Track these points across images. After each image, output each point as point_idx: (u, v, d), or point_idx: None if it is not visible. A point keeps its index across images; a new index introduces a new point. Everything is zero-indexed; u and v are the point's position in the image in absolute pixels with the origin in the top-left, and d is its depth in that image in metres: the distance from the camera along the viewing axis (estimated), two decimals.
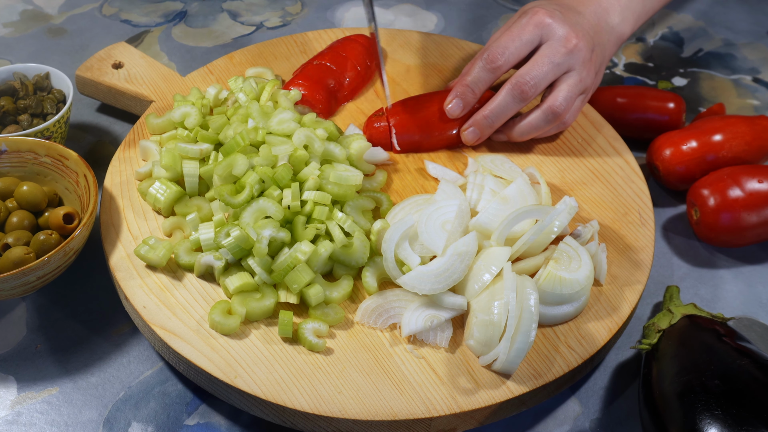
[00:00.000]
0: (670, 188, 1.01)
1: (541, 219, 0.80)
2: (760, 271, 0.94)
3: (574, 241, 0.82)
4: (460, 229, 0.82)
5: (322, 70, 1.01)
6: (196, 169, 0.89)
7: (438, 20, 1.32)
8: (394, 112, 0.97)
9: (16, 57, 1.21)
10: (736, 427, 0.65)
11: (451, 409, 0.73)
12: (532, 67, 0.91)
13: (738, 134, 0.97)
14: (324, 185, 0.85)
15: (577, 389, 0.82)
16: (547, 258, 0.81)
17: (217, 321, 0.78)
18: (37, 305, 0.88)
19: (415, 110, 0.96)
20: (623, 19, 0.99)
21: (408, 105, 0.97)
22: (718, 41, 1.29)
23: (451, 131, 0.96)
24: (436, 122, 0.96)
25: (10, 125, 0.98)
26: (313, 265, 0.81)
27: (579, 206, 0.87)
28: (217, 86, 0.99)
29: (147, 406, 0.80)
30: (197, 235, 0.84)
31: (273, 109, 0.93)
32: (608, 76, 1.21)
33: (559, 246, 0.81)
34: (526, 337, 0.73)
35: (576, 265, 0.79)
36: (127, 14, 1.31)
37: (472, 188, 0.88)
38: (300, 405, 0.73)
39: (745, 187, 0.90)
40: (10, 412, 0.79)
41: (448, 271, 0.78)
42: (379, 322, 0.79)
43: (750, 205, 0.90)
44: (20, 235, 0.84)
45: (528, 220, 0.82)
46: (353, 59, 1.04)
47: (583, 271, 0.79)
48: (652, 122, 1.05)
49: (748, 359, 0.70)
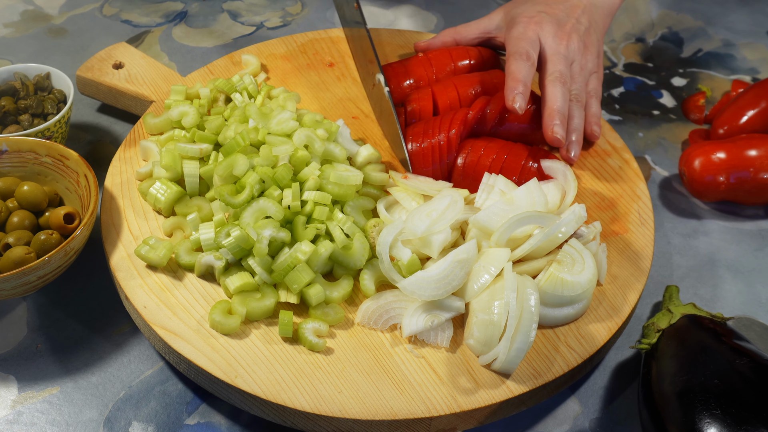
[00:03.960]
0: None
1: (545, 227, 0.79)
2: (759, 271, 0.94)
3: (579, 243, 0.81)
4: (449, 218, 0.82)
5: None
6: (196, 169, 0.89)
7: (438, 20, 1.32)
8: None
9: (16, 57, 1.21)
10: (735, 426, 0.65)
11: (451, 408, 0.73)
12: (553, 64, 0.96)
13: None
14: (324, 185, 0.85)
15: (577, 389, 0.82)
16: (549, 260, 0.81)
17: (218, 321, 0.78)
18: (37, 305, 0.88)
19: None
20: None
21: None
22: (718, 41, 1.29)
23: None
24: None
25: (11, 125, 0.98)
26: (313, 265, 0.81)
27: None
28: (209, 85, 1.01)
29: (147, 405, 0.80)
30: (197, 235, 0.84)
31: (271, 110, 0.93)
32: (608, 76, 1.21)
33: (563, 248, 0.81)
34: (526, 337, 0.73)
35: (579, 267, 0.79)
36: (127, 14, 1.31)
37: (483, 188, 0.87)
38: (300, 405, 0.73)
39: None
40: (11, 412, 0.79)
41: (448, 278, 0.78)
42: (380, 324, 0.79)
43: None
44: (21, 234, 0.84)
45: (530, 225, 0.81)
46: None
47: (586, 274, 0.79)
48: None
49: (747, 359, 0.70)
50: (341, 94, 1.06)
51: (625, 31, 1.31)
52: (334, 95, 1.06)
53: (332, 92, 1.07)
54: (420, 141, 0.92)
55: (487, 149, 0.91)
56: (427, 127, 0.93)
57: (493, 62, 1.06)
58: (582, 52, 0.99)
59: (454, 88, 0.98)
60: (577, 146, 0.96)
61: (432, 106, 0.98)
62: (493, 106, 0.94)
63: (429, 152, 0.91)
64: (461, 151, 0.91)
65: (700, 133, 1.11)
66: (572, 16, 1.00)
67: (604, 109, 1.16)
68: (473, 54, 1.05)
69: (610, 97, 1.18)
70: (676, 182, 1.05)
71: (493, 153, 0.91)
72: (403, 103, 1.00)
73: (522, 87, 0.92)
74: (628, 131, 1.12)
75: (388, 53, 1.13)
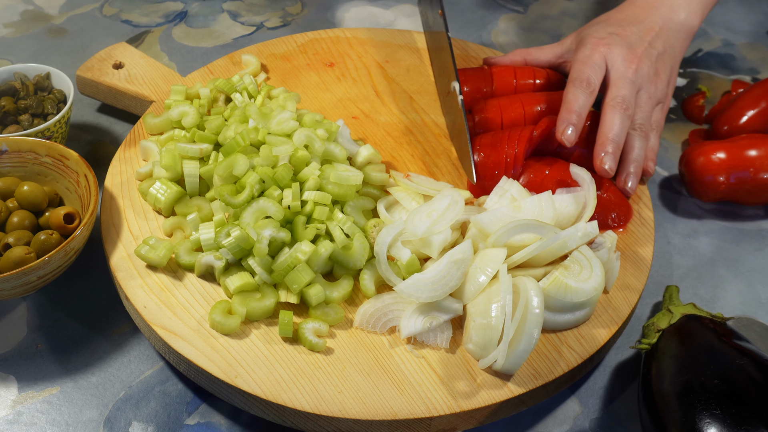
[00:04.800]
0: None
1: (544, 237, 0.79)
2: (759, 271, 0.94)
3: (590, 250, 0.80)
4: (449, 219, 0.82)
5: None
6: (196, 169, 0.89)
7: None
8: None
9: (16, 57, 1.21)
10: (735, 426, 0.65)
11: (451, 408, 0.73)
12: (617, 89, 0.91)
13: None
14: (324, 185, 0.85)
15: (577, 389, 0.82)
16: (547, 270, 0.80)
17: (218, 321, 0.78)
18: (37, 305, 0.88)
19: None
20: (690, 13, 0.99)
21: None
22: (718, 41, 1.29)
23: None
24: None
25: (11, 125, 0.98)
26: (313, 265, 0.81)
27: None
28: (209, 85, 1.00)
29: (147, 405, 0.80)
30: (197, 235, 0.84)
31: (271, 110, 0.93)
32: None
33: (573, 253, 0.80)
34: (530, 339, 0.73)
35: (586, 274, 0.78)
36: (127, 14, 1.31)
37: (497, 191, 0.87)
38: (300, 405, 0.73)
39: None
40: (11, 412, 0.79)
41: (444, 279, 0.77)
42: (378, 326, 0.79)
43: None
44: (21, 234, 0.84)
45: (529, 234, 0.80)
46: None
47: (592, 282, 0.78)
48: None
49: (747, 359, 0.70)
50: (341, 94, 1.07)
51: None
52: (334, 95, 1.06)
53: (332, 92, 1.07)
54: (487, 153, 0.91)
55: (551, 170, 0.90)
56: (495, 140, 0.92)
57: (559, 85, 1.04)
58: (652, 79, 0.94)
59: (521, 104, 0.98)
60: (635, 178, 0.91)
61: (500, 118, 0.98)
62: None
63: (494, 166, 0.90)
64: (526, 170, 0.91)
65: (700, 133, 1.11)
66: (645, 39, 0.94)
67: None
68: (539, 74, 1.04)
69: None
70: (676, 182, 1.05)
71: (557, 175, 0.89)
72: (470, 110, 1.00)
73: (575, 118, 0.88)
74: None
75: (389, 53, 1.13)
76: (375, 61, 1.12)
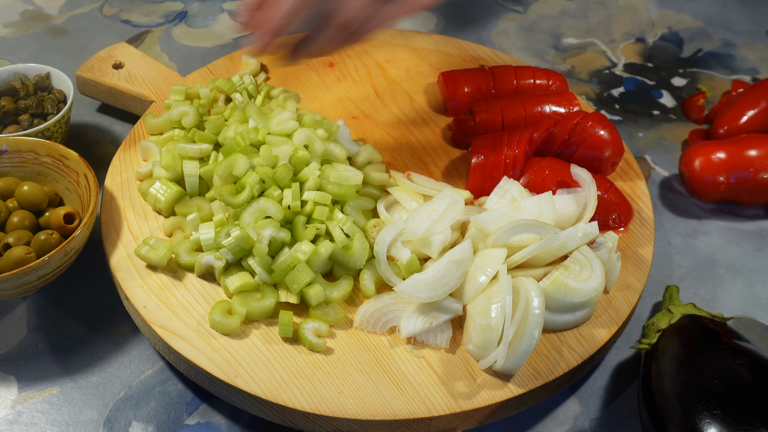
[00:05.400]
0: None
1: (544, 237, 0.79)
2: (759, 271, 0.94)
3: (590, 251, 0.80)
4: (449, 219, 0.82)
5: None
6: (196, 169, 0.89)
7: (438, 20, 1.32)
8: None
9: (16, 57, 1.21)
10: (735, 426, 0.65)
11: (451, 408, 0.73)
12: None
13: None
14: (324, 185, 0.85)
15: (577, 389, 0.82)
16: (547, 271, 0.80)
17: (218, 321, 0.78)
18: (37, 305, 0.88)
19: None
20: None
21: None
22: (718, 41, 1.29)
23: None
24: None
25: (11, 125, 0.98)
26: (313, 265, 0.81)
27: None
28: (209, 85, 1.00)
29: (147, 405, 0.80)
30: (197, 235, 0.84)
31: (271, 110, 0.93)
32: (608, 76, 1.21)
33: (573, 254, 0.80)
34: (530, 339, 0.73)
35: (586, 275, 0.78)
36: (127, 14, 1.31)
37: (497, 191, 0.87)
38: (300, 405, 0.73)
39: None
40: (11, 412, 0.79)
41: (444, 279, 0.77)
42: (378, 327, 0.79)
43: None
44: (21, 234, 0.84)
45: (529, 234, 0.80)
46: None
47: (592, 282, 0.78)
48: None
49: (747, 359, 0.70)
50: (341, 94, 1.07)
51: (625, 31, 1.31)
52: (334, 95, 1.06)
53: (332, 92, 1.07)
54: (487, 154, 0.91)
55: (552, 171, 0.89)
56: (495, 142, 0.92)
57: (561, 85, 1.04)
58: None
59: (522, 105, 0.98)
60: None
61: (501, 120, 0.98)
62: (559, 128, 0.93)
63: (493, 168, 0.90)
64: (526, 170, 0.90)
65: (700, 133, 1.11)
66: None
67: (604, 109, 1.16)
68: (540, 75, 1.04)
69: (610, 97, 1.18)
70: (676, 182, 1.05)
71: (558, 176, 0.89)
72: (470, 110, 1.00)
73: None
74: (628, 131, 1.12)
75: (388, 53, 1.13)
76: (375, 61, 1.12)
